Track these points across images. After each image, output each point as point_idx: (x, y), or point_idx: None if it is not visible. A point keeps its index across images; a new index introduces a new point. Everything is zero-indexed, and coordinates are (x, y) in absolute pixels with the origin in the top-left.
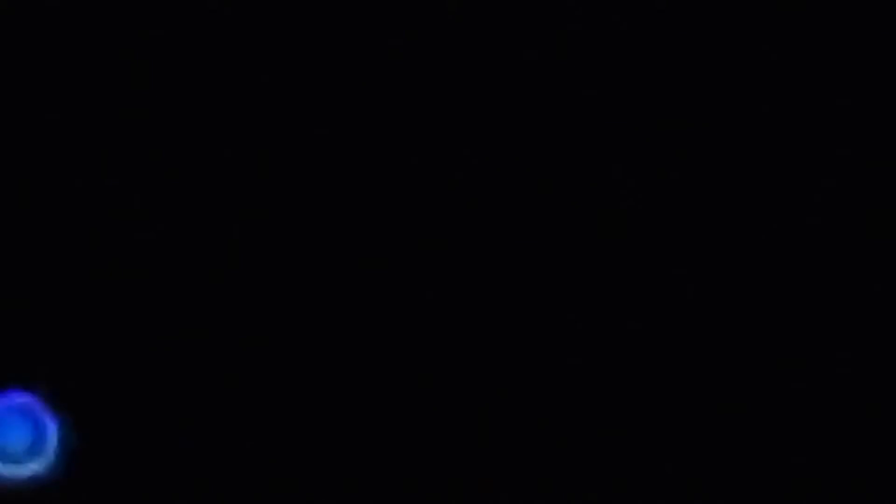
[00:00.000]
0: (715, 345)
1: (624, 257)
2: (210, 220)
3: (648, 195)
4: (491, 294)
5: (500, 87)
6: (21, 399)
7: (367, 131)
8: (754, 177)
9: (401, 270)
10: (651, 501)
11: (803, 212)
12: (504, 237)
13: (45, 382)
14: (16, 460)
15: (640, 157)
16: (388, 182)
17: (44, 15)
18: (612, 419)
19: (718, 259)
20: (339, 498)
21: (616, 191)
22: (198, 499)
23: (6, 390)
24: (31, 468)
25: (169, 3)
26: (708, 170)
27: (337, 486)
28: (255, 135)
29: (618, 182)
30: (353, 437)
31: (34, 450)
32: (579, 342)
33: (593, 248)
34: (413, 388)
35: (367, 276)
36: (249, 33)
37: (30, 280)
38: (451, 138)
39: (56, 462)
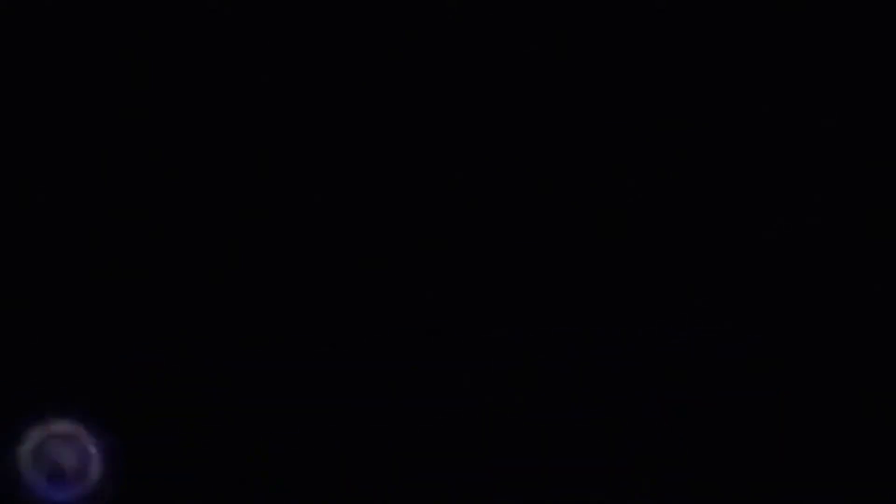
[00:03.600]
0: (715, 345)
1: (624, 257)
2: (210, 219)
3: (648, 195)
4: (489, 293)
5: (500, 87)
6: (67, 424)
7: (367, 131)
8: (754, 177)
9: (400, 270)
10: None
11: (803, 212)
12: (504, 237)
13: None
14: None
15: (640, 157)
16: (387, 181)
17: (44, 15)
18: (612, 420)
19: (719, 258)
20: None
21: (616, 191)
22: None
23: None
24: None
25: (169, 3)
26: (708, 170)
27: (338, 486)
28: (255, 135)
29: (618, 182)
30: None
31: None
32: (579, 342)
33: (593, 247)
34: (412, 388)
35: (367, 276)
36: (249, 33)
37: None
38: (451, 138)
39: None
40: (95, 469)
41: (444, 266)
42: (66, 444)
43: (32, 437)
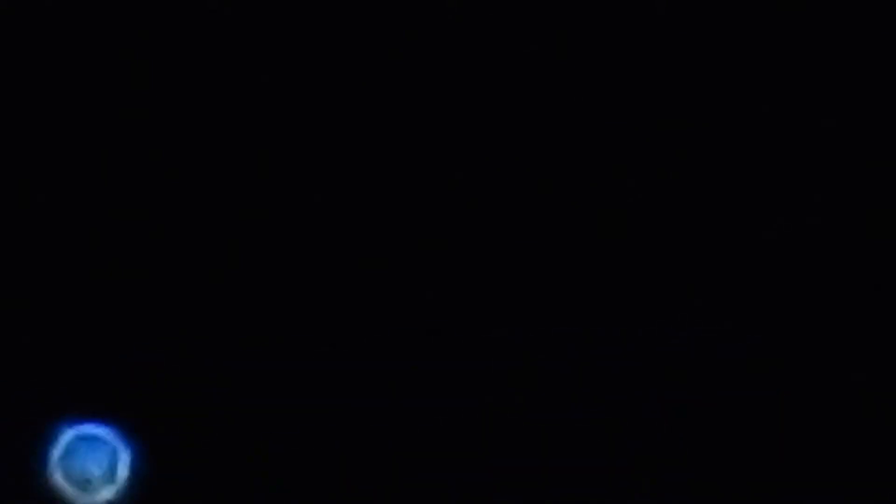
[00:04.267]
0: (717, 348)
1: (624, 257)
2: (210, 220)
3: (648, 195)
4: (490, 294)
5: (499, 87)
6: (95, 428)
7: (367, 131)
8: (754, 177)
9: (400, 270)
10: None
11: (803, 212)
12: (504, 237)
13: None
14: (89, 487)
15: (640, 157)
16: (387, 181)
17: (44, 15)
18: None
19: (720, 259)
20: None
21: (616, 191)
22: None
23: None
24: (104, 496)
25: (169, 3)
26: (708, 170)
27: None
28: (255, 135)
29: (618, 182)
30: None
31: (107, 477)
32: (579, 343)
33: (593, 247)
34: (412, 389)
35: (367, 277)
36: (249, 33)
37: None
38: (451, 138)
39: (127, 490)
40: (123, 474)
41: (444, 266)
42: (93, 449)
43: (59, 442)
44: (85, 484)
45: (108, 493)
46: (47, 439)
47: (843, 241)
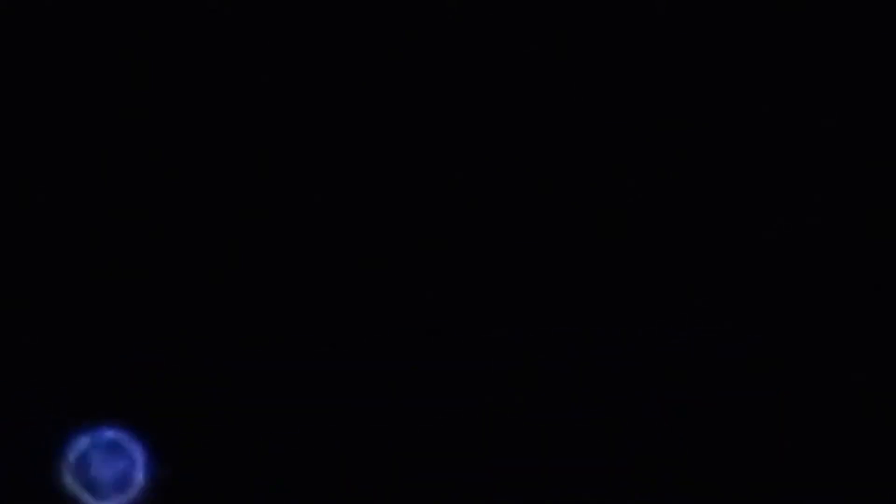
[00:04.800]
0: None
1: (624, 257)
2: (211, 219)
3: (648, 195)
4: (490, 294)
5: (500, 87)
6: (110, 434)
7: (367, 131)
8: (754, 177)
9: (400, 270)
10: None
11: (803, 212)
12: (504, 236)
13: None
14: (103, 494)
15: (640, 157)
16: (387, 181)
17: (44, 15)
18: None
19: (720, 258)
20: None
21: (616, 191)
22: None
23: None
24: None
25: (169, 3)
26: (708, 170)
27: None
28: (255, 135)
29: (618, 182)
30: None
31: (121, 484)
32: (580, 342)
33: (593, 247)
34: (412, 389)
35: (368, 277)
36: (249, 33)
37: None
38: (451, 138)
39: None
40: (137, 479)
41: (444, 266)
42: (107, 455)
43: (74, 448)
44: (99, 489)
45: (122, 498)
46: (63, 444)
47: (844, 241)
